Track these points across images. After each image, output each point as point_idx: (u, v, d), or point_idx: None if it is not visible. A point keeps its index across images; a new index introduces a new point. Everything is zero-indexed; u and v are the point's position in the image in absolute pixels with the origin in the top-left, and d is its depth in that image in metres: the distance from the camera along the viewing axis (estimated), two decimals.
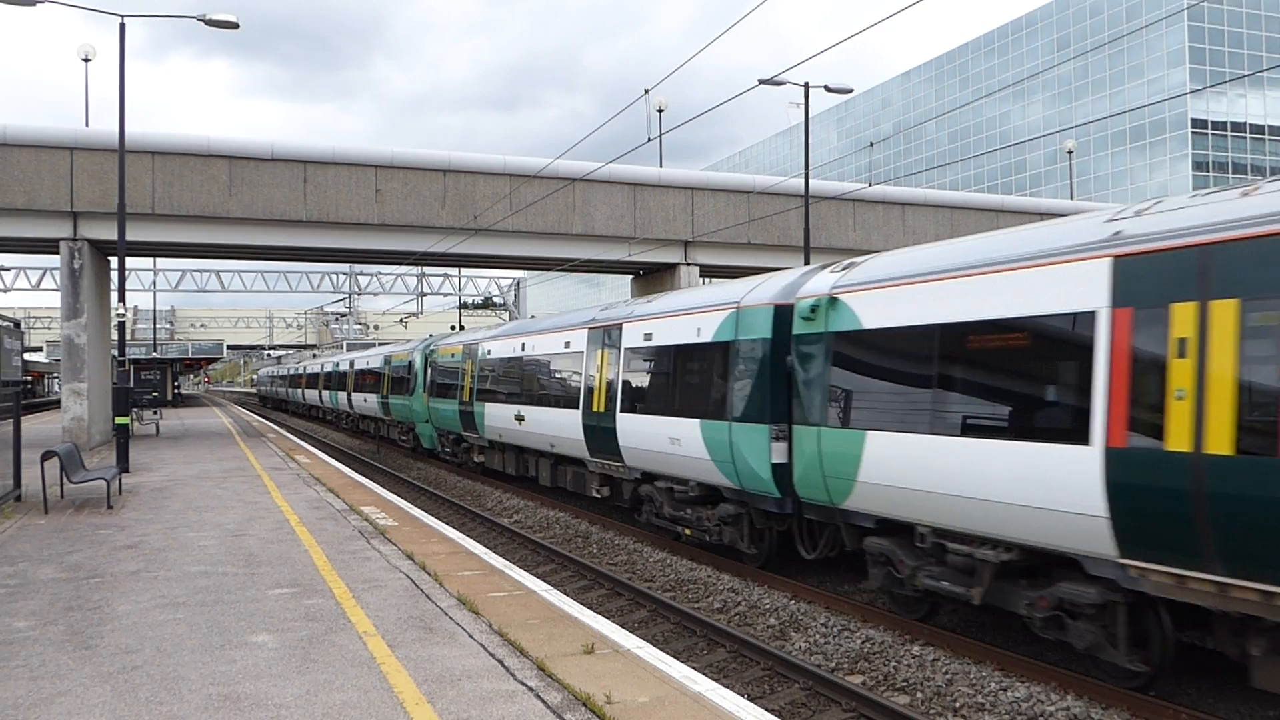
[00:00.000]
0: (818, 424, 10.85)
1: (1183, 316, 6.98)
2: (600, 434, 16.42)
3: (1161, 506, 7.07)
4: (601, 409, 16.33)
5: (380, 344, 64.58)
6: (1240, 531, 6.57)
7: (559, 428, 18.29)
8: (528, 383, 20.33)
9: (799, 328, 11.32)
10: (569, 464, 18.95)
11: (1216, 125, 77.67)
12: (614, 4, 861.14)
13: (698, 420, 13.24)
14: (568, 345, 18.30)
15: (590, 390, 16.90)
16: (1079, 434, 7.69)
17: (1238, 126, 78.35)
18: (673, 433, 13.90)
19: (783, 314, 11.97)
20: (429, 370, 29.47)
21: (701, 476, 13.52)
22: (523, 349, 20.90)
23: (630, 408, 15.35)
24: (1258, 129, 78.96)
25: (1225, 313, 6.71)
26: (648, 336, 15.08)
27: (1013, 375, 8.50)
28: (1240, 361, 6.60)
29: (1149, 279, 7.26)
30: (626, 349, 15.71)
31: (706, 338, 13.28)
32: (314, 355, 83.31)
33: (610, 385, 16.10)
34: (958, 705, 8.23)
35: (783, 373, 11.79)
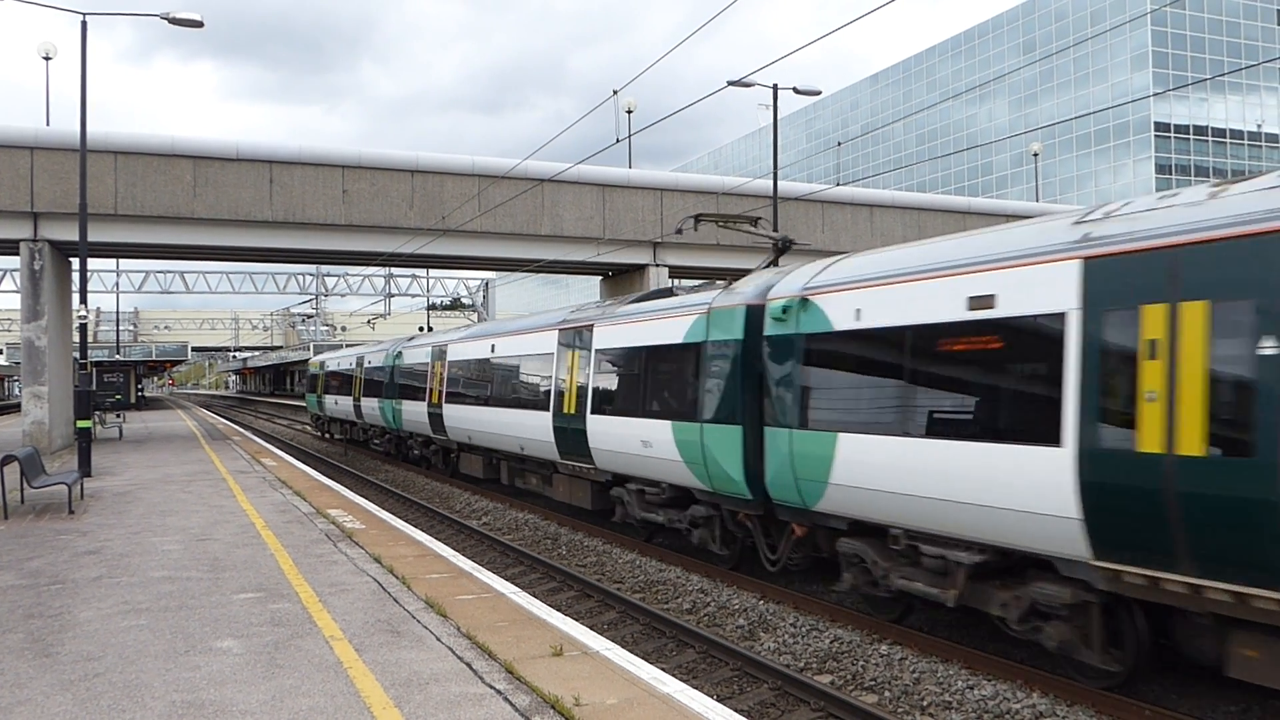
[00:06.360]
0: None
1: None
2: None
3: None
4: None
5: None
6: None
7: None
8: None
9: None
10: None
11: (1179, 128, 78.76)
12: (601, 10, 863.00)
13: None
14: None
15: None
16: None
17: (1200, 130, 79.49)
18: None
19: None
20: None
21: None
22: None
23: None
24: (1219, 132, 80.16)
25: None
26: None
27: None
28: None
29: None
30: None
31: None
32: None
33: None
34: (925, 704, 8.28)
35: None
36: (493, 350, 20.61)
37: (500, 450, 20.56)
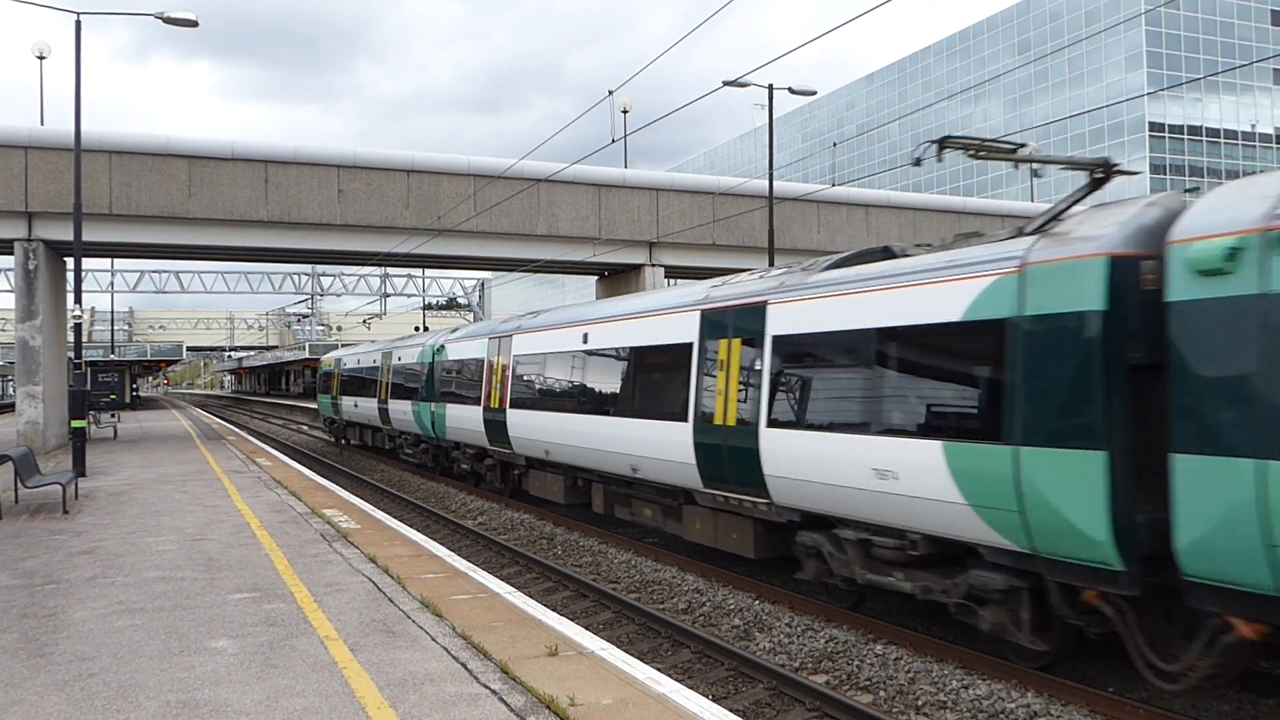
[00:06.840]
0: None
1: None
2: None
3: None
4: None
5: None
6: None
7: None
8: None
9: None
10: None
11: (1174, 128, 78.95)
12: (600, 10, 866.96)
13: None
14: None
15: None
16: None
17: (1194, 130, 79.70)
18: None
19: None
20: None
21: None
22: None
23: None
24: (1214, 132, 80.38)
25: None
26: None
27: None
28: None
29: None
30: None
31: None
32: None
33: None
34: (920, 703, 8.29)
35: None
36: (585, 341, 16.28)
37: (595, 470, 16.09)
